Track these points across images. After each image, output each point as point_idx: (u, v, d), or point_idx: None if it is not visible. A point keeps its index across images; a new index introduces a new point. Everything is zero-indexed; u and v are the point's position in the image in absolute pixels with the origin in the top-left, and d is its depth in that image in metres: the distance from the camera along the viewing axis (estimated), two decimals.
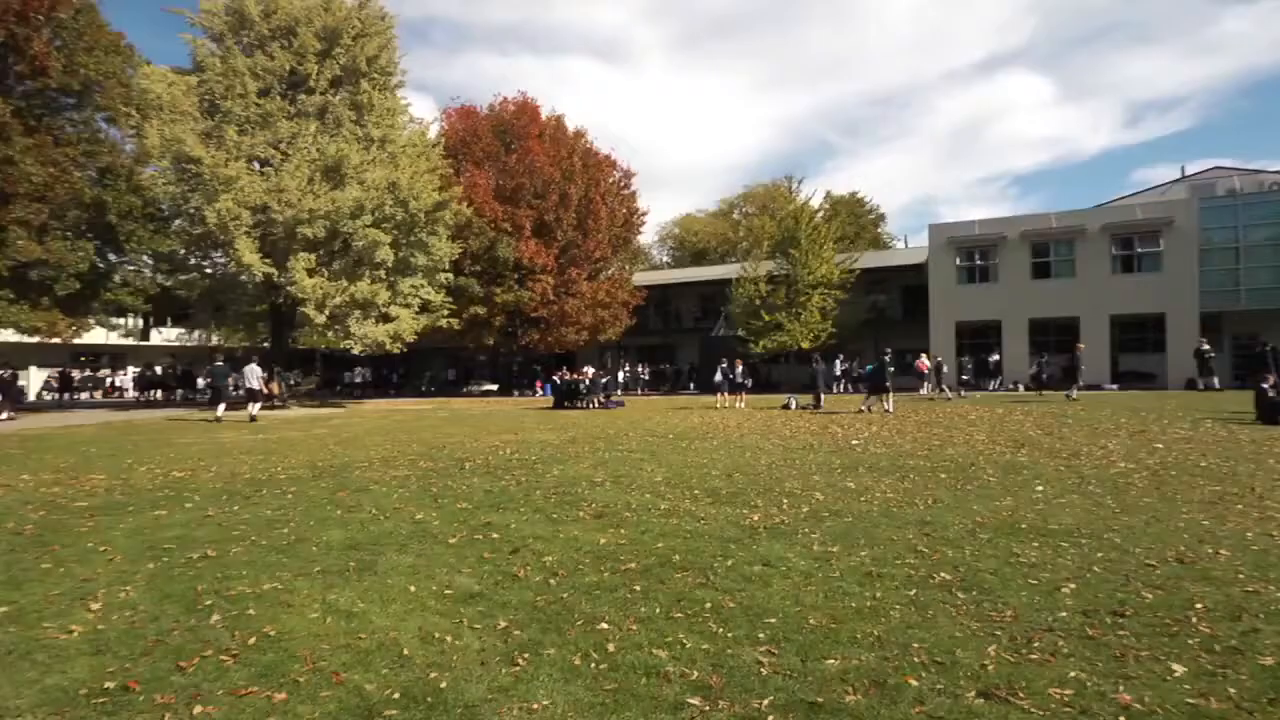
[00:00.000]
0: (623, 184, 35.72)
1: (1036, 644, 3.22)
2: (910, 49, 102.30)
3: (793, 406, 19.64)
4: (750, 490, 7.21)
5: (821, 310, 29.30)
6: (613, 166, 35.13)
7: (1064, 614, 3.59)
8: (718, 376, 21.81)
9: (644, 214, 36.82)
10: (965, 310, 29.09)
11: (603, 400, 22.91)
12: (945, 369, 23.82)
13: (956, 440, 11.08)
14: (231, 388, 21.17)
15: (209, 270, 25.07)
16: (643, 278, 41.14)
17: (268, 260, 21.51)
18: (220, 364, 19.93)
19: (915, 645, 3.22)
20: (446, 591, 4.13)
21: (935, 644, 3.24)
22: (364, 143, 24.10)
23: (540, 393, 32.51)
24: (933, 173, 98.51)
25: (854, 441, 11.28)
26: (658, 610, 3.75)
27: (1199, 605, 3.66)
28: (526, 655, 3.20)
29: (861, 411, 16.89)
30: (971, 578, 4.21)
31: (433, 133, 30.07)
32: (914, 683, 2.86)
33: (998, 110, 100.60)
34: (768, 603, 3.84)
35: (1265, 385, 13.18)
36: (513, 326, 32.01)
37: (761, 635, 3.38)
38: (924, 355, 23.49)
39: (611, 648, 3.26)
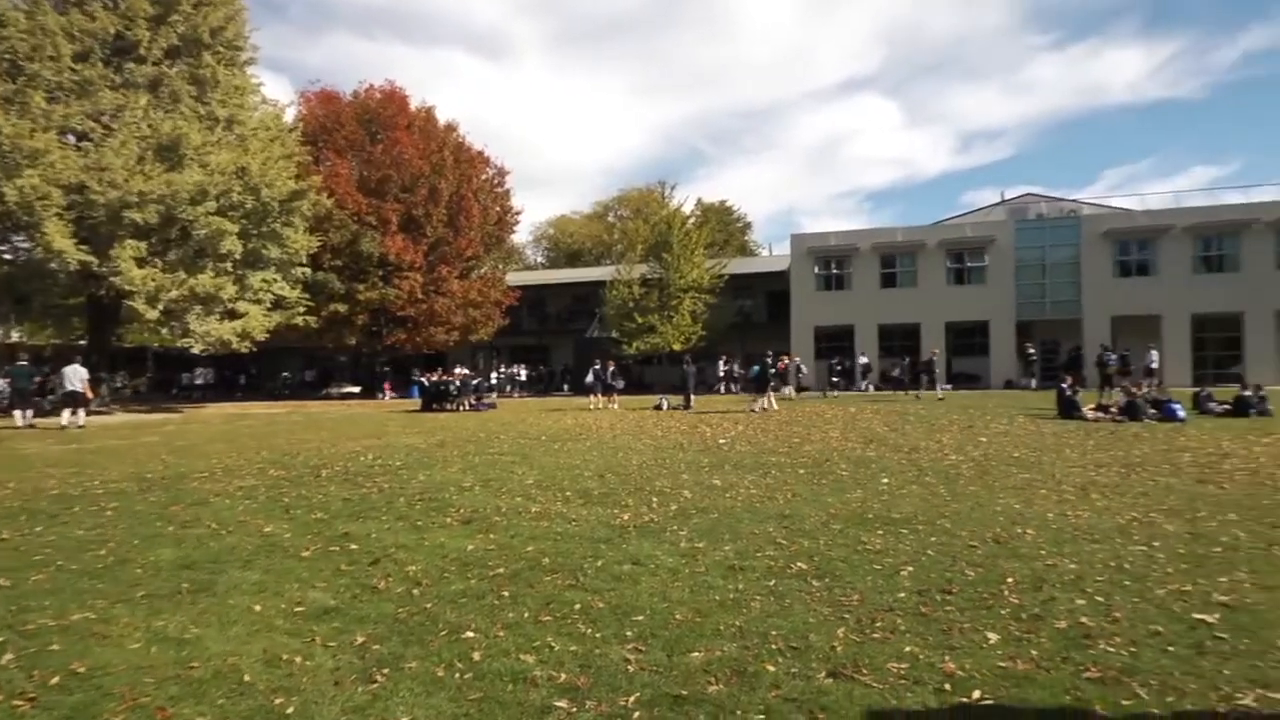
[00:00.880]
0: (496, 181, 34.99)
1: (879, 624, 3.50)
2: (776, 67, 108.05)
3: (664, 407, 20.11)
4: (622, 490, 7.30)
5: (692, 313, 30.30)
6: (486, 163, 34.32)
7: (902, 594, 3.93)
8: (590, 378, 21.91)
9: (518, 213, 36.27)
10: (823, 315, 31.14)
11: (474, 402, 22.30)
12: (804, 370, 25.42)
13: (814, 438, 11.82)
14: (36, 390, 18.49)
15: (8, 256, 21.73)
16: (517, 277, 40.56)
17: (84, 247, 18.95)
18: (23, 364, 17.37)
19: (773, 633, 3.40)
20: (297, 609, 3.85)
21: (791, 630, 3.43)
22: (207, 122, 21.90)
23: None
24: (795, 185, 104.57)
25: (721, 440, 11.72)
26: (526, 615, 3.70)
27: (1010, 579, 4.14)
28: (386, 670, 3.04)
29: (751, 411, 17.53)
30: (825, 566, 4.50)
31: (289, 116, 27.94)
32: (771, 668, 3.01)
33: (853, 130, 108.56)
34: (636, 600, 3.90)
35: (1064, 385, 15.16)
36: (377, 325, 30.40)
37: (630, 633, 3.43)
38: (784, 358, 24.88)
39: (477, 656, 3.18)
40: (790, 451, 10.16)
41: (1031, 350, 26.02)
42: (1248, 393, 14.89)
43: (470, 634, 3.45)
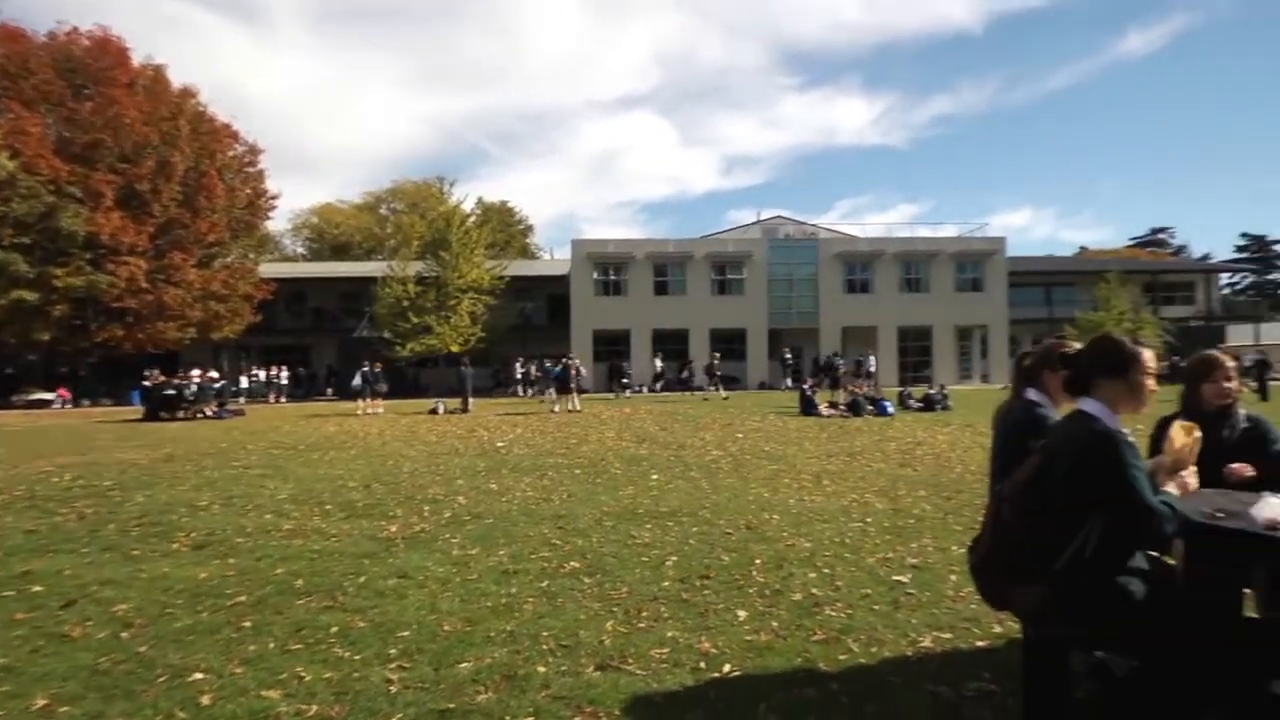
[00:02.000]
0: (247, 160, 31.06)
1: (644, 614, 3.69)
2: (561, 73, 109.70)
3: (441, 411, 19.34)
4: (390, 500, 6.87)
5: (471, 314, 29.48)
6: (234, 138, 30.32)
7: (667, 584, 4.19)
8: (358, 380, 20.32)
9: (274, 197, 32.58)
10: (601, 320, 32.23)
11: (215, 410, 19.49)
12: (583, 373, 26.06)
13: (591, 439, 12.16)
14: None
15: None
16: (272, 269, 36.25)
17: None
18: None
19: (545, 634, 3.42)
20: None
21: (563, 629, 3.48)
22: None
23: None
24: (577, 191, 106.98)
25: (499, 444, 11.57)
26: (272, 645, 3.31)
27: (758, 561, 4.62)
28: None
29: (553, 412, 18.27)
30: (597, 562, 4.64)
31: None
32: (542, 669, 3.03)
33: (631, 143, 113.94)
34: (402, 616, 3.69)
35: (805, 386, 17.35)
36: (83, 319, 25.23)
37: (393, 651, 3.23)
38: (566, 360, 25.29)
39: (206, 700, 2.77)
40: (568, 452, 10.34)
41: (789, 356, 29.59)
42: (933, 391, 18.28)
43: (198, 675, 2.99)
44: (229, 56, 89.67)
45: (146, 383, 20.11)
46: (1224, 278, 50.06)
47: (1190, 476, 2.30)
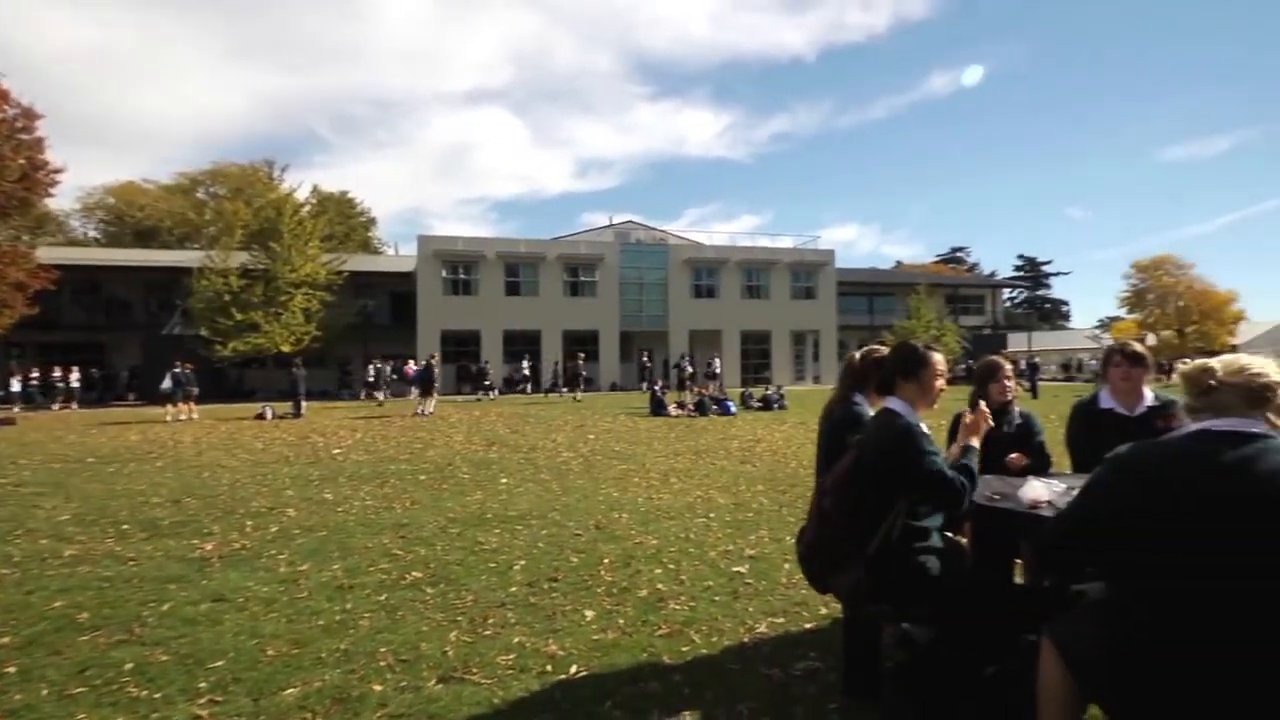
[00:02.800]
0: (20, 125, 26.43)
1: (491, 621, 3.60)
2: (408, 61, 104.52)
3: (269, 416, 17.70)
4: (205, 516, 6.18)
5: (305, 312, 27.14)
6: (4, 99, 25.74)
7: (514, 589, 4.12)
8: (168, 383, 18.06)
9: (57, 171, 27.93)
10: (450, 320, 31.09)
11: None
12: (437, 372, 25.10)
13: (438, 443, 11.69)
14: None
15: None
16: (56, 254, 31.15)
17: None
18: None
19: (383, 649, 3.24)
20: None
21: (402, 643, 3.31)
22: None
23: None
24: (424, 185, 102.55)
25: (335, 451, 10.80)
26: (46, 692, 2.85)
27: (606, 560, 4.68)
28: None
29: (417, 414, 17.89)
30: (441, 571, 4.46)
31: None
32: (378, 688, 2.86)
33: (482, 139, 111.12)
34: (216, 644, 3.32)
35: (656, 386, 17.84)
36: None
37: (203, 684, 2.90)
38: (410, 362, 24.15)
39: None
40: (412, 458, 9.87)
41: (648, 359, 30.09)
42: (771, 392, 19.53)
43: None
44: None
45: None
46: (1005, 292, 57.95)
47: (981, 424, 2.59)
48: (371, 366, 25.47)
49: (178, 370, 18.22)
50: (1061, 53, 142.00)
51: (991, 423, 2.63)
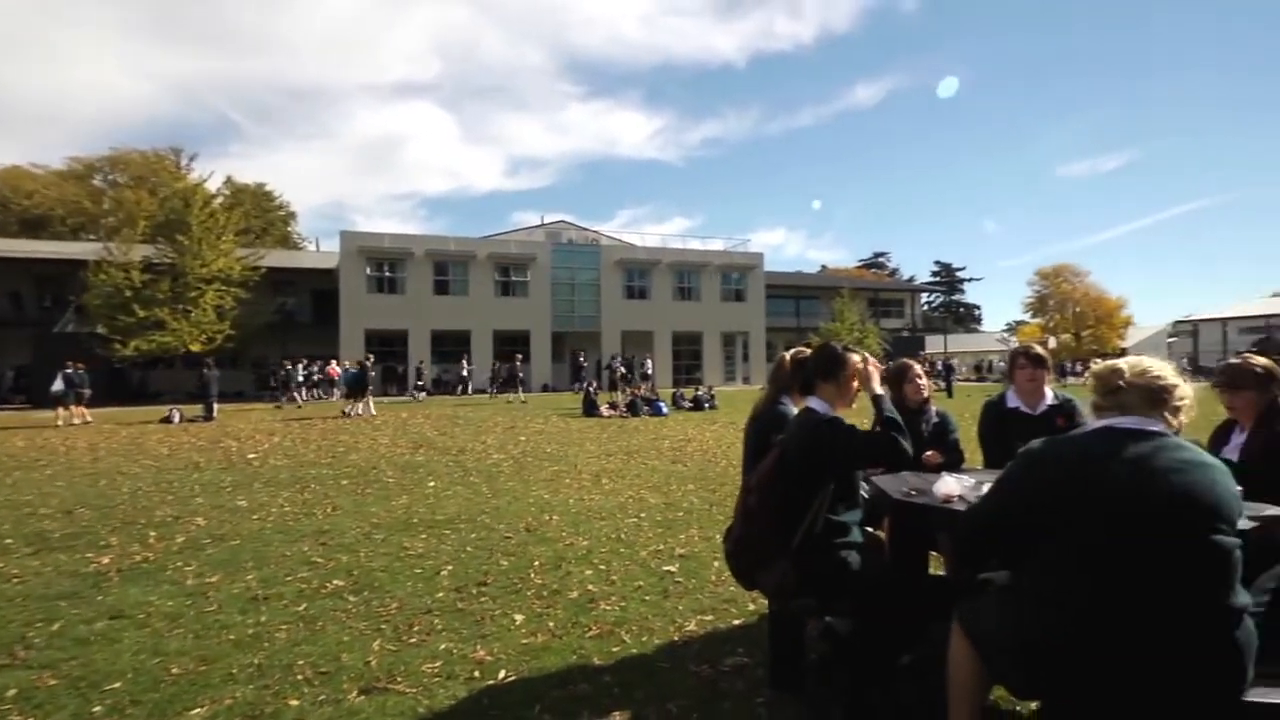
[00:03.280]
0: None
1: (416, 628, 3.51)
2: (331, 49, 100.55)
3: (177, 420, 16.68)
4: (101, 527, 5.76)
5: (218, 309, 25.59)
6: None
7: (441, 594, 4.02)
8: (59, 384, 16.74)
9: None
10: (375, 319, 30.10)
11: None
12: (373, 374, 24.32)
13: (361, 446, 11.30)
14: None
15: None
16: None
17: None
18: None
19: (300, 662, 3.10)
20: None
21: (322, 654, 3.18)
22: None
23: None
24: (347, 179, 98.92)
25: (251, 455, 10.28)
26: None
27: (537, 563, 4.63)
28: None
29: (344, 415, 17.47)
30: (364, 579, 4.31)
31: None
32: (295, 702, 2.74)
33: (410, 134, 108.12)
34: (114, 664, 3.10)
35: (589, 387, 17.80)
36: None
37: (98, 709, 2.70)
38: (334, 362, 23.23)
39: None
40: (334, 461, 9.50)
41: (584, 360, 29.90)
42: (702, 392, 19.81)
43: None
44: None
45: None
46: (924, 296, 60.82)
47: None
48: (298, 367, 24.34)
49: (70, 370, 16.92)
50: (975, 73, 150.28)
51: (879, 366, 2.76)
